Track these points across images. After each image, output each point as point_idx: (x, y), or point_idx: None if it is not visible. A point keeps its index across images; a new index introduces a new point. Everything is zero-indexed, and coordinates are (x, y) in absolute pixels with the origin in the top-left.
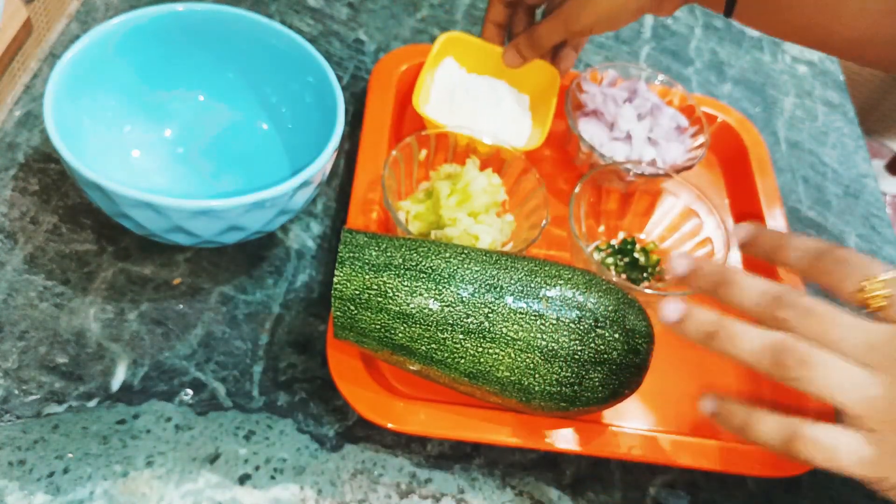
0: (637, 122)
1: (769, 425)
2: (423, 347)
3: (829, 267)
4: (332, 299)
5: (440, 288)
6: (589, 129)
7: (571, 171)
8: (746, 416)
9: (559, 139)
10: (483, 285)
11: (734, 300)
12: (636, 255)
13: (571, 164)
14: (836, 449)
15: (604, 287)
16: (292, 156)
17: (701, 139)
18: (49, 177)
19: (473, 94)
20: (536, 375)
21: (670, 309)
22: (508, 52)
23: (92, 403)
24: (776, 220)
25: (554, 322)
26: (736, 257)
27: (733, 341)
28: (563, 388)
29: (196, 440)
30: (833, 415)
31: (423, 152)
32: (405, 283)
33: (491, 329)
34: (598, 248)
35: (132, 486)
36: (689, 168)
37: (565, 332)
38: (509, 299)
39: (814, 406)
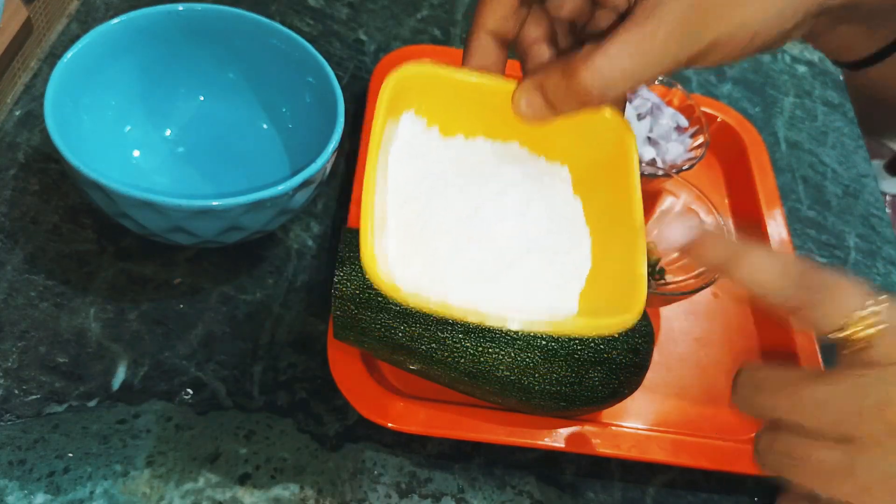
0: (637, 122)
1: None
2: (424, 347)
3: (805, 296)
4: (333, 299)
5: None
6: None
7: None
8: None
9: None
10: None
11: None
12: None
13: None
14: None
15: None
16: (292, 156)
17: (701, 139)
18: (49, 177)
19: (461, 188)
20: (536, 375)
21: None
22: (527, 96)
23: (92, 403)
24: (776, 219)
25: None
26: None
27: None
28: (563, 388)
29: (196, 440)
30: None
31: None
32: None
33: (491, 328)
34: None
35: (132, 486)
36: (688, 168)
37: None
38: None
39: None
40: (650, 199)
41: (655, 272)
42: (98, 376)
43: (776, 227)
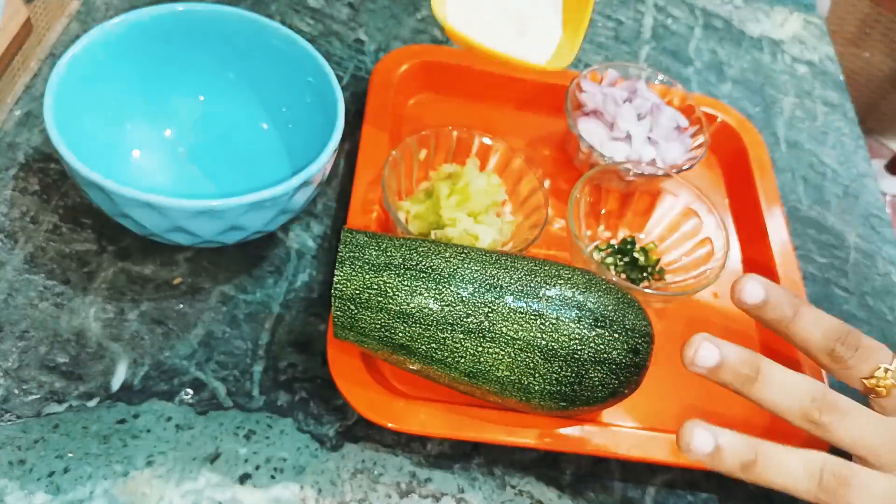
0: (637, 122)
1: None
2: (423, 347)
3: (843, 353)
4: (333, 299)
5: (440, 287)
6: (589, 129)
7: (571, 171)
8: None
9: (559, 139)
10: (483, 285)
11: (769, 398)
12: (636, 254)
13: (571, 164)
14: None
15: (604, 286)
16: (292, 156)
17: (701, 139)
18: (49, 177)
19: None
20: (536, 375)
21: (699, 439)
22: None
23: (92, 403)
24: (776, 219)
25: (554, 321)
26: (736, 257)
27: (774, 470)
28: (563, 388)
29: (196, 440)
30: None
31: (423, 152)
32: (405, 283)
33: (491, 328)
34: (597, 248)
35: (132, 486)
36: (689, 168)
37: (565, 332)
38: (509, 299)
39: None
40: (650, 199)
41: (655, 272)
42: (98, 376)
43: (776, 227)
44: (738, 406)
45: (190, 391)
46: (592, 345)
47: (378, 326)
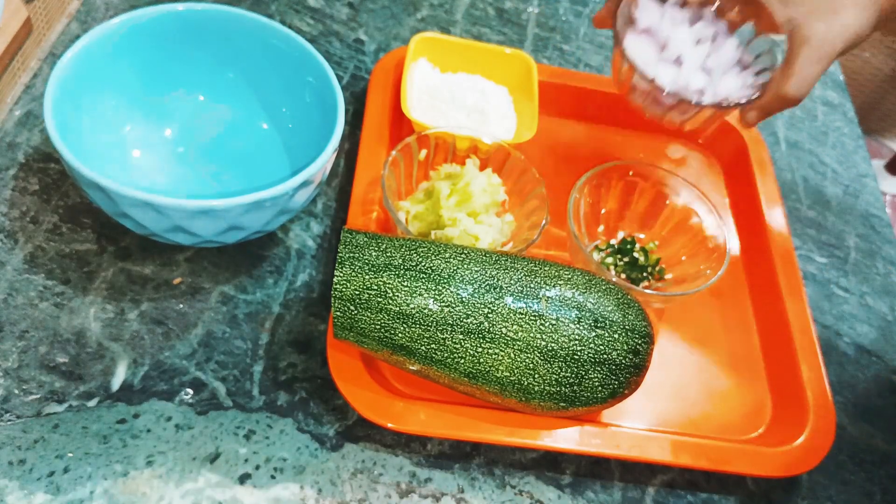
0: (693, 47)
1: None
2: (423, 347)
3: None
4: (332, 299)
5: (440, 288)
6: (636, 47)
7: (572, 171)
8: None
9: (559, 139)
10: (483, 285)
11: None
12: (635, 254)
13: (572, 163)
14: None
15: (604, 287)
16: (292, 156)
17: (765, 77)
18: (49, 177)
19: (455, 93)
20: (536, 375)
21: None
22: (753, 115)
23: (92, 403)
24: (776, 219)
25: (553, 322)
26: (736, 257)
27: None
28: (563, 388)
29: (196, 439)
30: None
31: (423, 152)
32: (405, 284)
33: (490, 329)
34: (597, 248)
35: (132, 486)
36: (738, 107)
37: (565, 332)
38: (509, 299)
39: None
40: (650, 199)
41: (655, 272)
42: (98, 376)
43: (776, 227)
44: (738, 405)
45: (190, 391)
46: (592, 345)
47: (378, 327)
